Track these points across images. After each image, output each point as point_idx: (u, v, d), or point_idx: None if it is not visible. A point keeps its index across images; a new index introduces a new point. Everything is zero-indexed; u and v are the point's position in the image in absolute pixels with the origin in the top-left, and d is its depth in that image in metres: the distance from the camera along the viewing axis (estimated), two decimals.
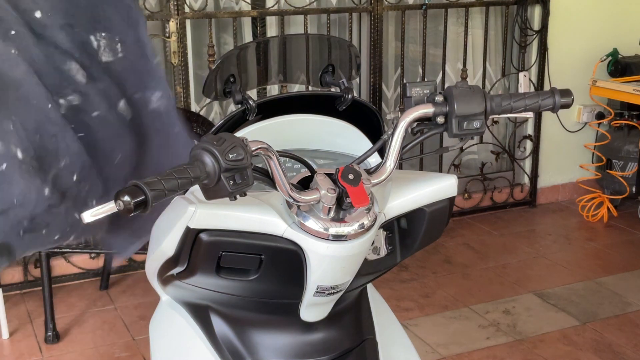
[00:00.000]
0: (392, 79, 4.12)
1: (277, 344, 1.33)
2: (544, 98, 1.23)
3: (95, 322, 3.06)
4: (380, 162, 1.19)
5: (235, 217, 1.17)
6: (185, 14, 3.38)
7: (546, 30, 4.16)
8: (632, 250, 3.83)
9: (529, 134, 4.36)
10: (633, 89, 3.87)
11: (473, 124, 1.18)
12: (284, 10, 3.61)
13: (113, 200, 0.94)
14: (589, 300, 3.27)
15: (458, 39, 4.15)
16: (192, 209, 1.15)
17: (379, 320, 1.42)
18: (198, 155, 1.00)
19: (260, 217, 1.16)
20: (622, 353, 2.83)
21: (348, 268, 1.20)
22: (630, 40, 4.24)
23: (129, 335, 2.92)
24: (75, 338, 2.95)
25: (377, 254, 1.27)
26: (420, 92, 1.23)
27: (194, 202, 1.16)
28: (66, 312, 3.13)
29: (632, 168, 4.17)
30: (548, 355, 2.81)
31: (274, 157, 1.08)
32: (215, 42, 3.55)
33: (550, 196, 4.53)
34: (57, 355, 2.84)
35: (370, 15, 3.78)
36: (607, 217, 4.18)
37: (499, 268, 3.57)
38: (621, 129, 4.25)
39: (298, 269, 1.17)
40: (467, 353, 2.81)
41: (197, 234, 1.17)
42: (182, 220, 1.16)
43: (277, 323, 1.32)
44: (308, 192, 1.12)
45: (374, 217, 1.17)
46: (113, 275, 3.39)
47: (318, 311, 1.29)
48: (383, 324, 1.42)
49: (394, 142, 1.18)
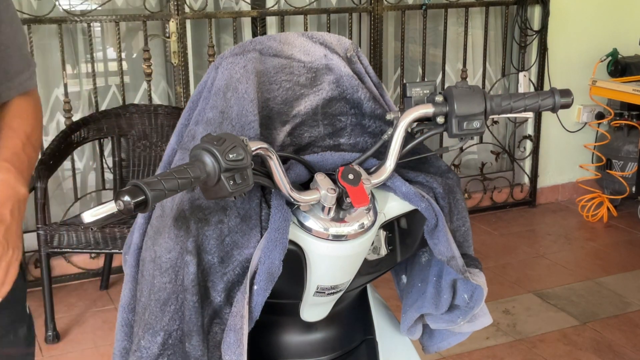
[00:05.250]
0: (392, 79, 4.12)
1: (277, 343, 1.33)
2: (544, 98, 1.23)
3: (95, 322, 3.06)
4: (381, 162, 1.19)
5: None
6: (185, 14, 3.38)
7: (546, 31, 4.16)
8: (632, 250, 3.83)
9: (529, 134, 4.36)
10: (633, 89, 3.87)
11: (473, 124, 1.18)
12: (284, 10, 3.61)
13: (113, 200, 0.94)
14: (589, 300, 3.27)
15: (458, 39, 4.15)
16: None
17: (379, 320, 1.42)
18: (198, 155, 1.00)
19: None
20: (622, 353, 2.83)
21: (348, 268, 1.20)
22: (630, 40, 4.24)
23: None
24: (75, 338, 2.95)
25: (377, 254, 1.27)
26: (420, 92, 1.23)
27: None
28: (66, 312, 3.13)
29: (631, 168, 4.17)
30: (548, 355, 2.81)
31: (274, 157, 1.08)
32: (215, 42, 3.55)
33: (550, 196, 4.53)
34: (57, 355, 2.84)
35: (370, 15, 3.78)
36: (607, 217, 4.18)
37: (499, 268, 3.57)
38: (621, 129, 4.25)
39: (298, 269, 1.17)
40: (467, 353, 2.81)
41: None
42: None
43: (277, 323, 1.32)
44: (308, 192, 1.12)
45: (374, 217, 1.17)
46: (113, 275, 3.39)
47: (318, 311, 1.29)
48: (383, 324, 1.42)
49: (394, 142, 1.18)
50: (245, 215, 1.13)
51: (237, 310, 1.10)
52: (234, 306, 1.11)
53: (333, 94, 1.24)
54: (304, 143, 1.22)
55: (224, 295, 1.12)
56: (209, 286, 1.12)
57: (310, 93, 1.23)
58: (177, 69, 3.42)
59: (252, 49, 1.22)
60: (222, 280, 1.12)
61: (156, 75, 3.59)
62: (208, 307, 1.13)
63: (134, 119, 3.24)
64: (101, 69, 3.65)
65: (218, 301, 1.13)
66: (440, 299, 1.30)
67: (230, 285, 1.13)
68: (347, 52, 1.29)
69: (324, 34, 1.30)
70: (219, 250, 1.11)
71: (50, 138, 3.18)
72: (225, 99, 1.17)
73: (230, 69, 1.19)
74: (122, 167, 3.24)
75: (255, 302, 1.11)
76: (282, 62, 1.23)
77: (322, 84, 1.23)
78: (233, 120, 1.16)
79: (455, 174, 1.32)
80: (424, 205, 1.20)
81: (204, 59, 3.66)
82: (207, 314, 1.13)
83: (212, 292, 1.12)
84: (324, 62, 1.25)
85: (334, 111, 1.24)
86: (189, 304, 1.10)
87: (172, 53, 3.40)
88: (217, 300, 1.13)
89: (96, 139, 3.22)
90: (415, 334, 1.40)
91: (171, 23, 3.36)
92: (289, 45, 1.25)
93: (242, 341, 1.09)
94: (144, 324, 1.15)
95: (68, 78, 3.33)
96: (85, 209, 3.82)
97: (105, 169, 3.42)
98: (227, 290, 1.13)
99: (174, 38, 3.37)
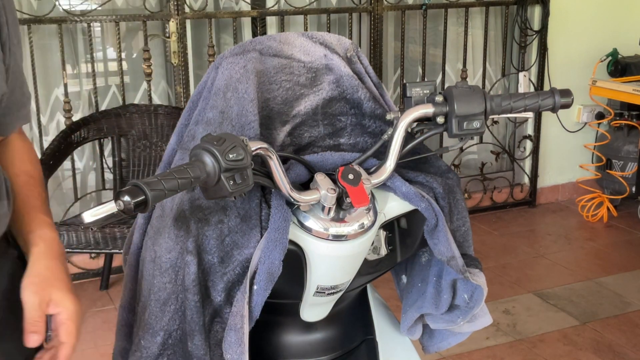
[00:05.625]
0: (392, 79, 4.12)
1: (277, 343, 1.33)
2: (544, 98, 1.23)
3: (95, 322, 3.06)
4: (381, 162, 1.19)
5: None
6: (185, 14, 3.38)
7: (546, 31, 4.16)
8: (632, 250, 3.83)
9: (529, 134, 4.36)
10: (633, 89, 3.87)
11: (473, 124, 1.18)
12: (284, 10, 3.61)
13: (113, 200, 0.94)
14: (589, 300, 3.27)
15: (458, 39, 4.15)
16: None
17: (379, 320, 1.42)
18: (198, 155, 1.01)
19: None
20: (622, 353, 2.83)
21: (348, 268, 1.20)
22: (630, 40, 4.24)
23: None
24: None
25: (377, 254, 1.27)
26: (420, 92, 1.23)
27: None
28: None
29: (631, 168, 4.17)
30: (548, 355, 2.81)
31: (274, 157, 1.08)
32: (215, 42, 3.55)
33: (550, 196, 4.53)
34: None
35: (370, 15, 3.78)
36: (607, 217, 4.18)
37: (499, 268, 3.57)
38: (621, 129, 4.25)
39: (298, 269, 1.17)
40: (467, 353, 2.81)
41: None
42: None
43: (277, 323, 1.32)
44: (308, 192, 1.12)
45: (374, 217, 1.17)
46: (113, 275, 3.39)
47: (318, 311, 1.29)
48: (383, 324, 1.42)
49: (394, 142, 1.18)
50: (245, 215, 1.13)
51: (237, 310, 1.10)
52: (234, 306, 1.11)
53: (333, 94, 1.24)
54: (304, 143, 1.22)
55: (224, 294, 1.13)
56: (209, 286, 1.13)
57: (310, 93, 1.23)
58: (177, 69, 3.42)
59: (252, 49, 1.22)
60: (222, 280, 1.12)
61: (156, 75, 3.59)
62: (209, 306, 1.13)
63: (134, 119, 3.24)
64: (101, 69, 3.65)
65: (218, 301, 1.13)
66: (441, 299, 1.30)
67: (231, 285, 1.13)
68: (347, 52, 1.29)
69: (324, 34, 1.30)
70: (219, 250, 1.11)
71: (50, 138, 3.17)
72: (225, 99, 1.18)
73: (230, 69, 1.19)
74: (122, 167, 3.24)
75: (255, 302, 1.11)
76: (282, 62, 1.23)
77: (322, 84, 1.23)
78: (233, 120, 1.16)
79: (455, 174, 1.32)
80: (424, 205, 1.20)
81: (204, 59, 3.66)
82: (208, 313, 1.13)
83: (213, 292, 1.13)
84: (324, 62, 1.25)
85: (334, 111, 1.24)
86: (191, 304, 1.10)
87: (172, 53, 3.40)
88: (218, 300, 1.13)
89: (96, 139, 3.22)
90: (415, 334, 1.40)
91: (171, 23, 3.36)
92: (289, 45, 1.25)
93: (243, 340, 1.10)
94: (144, 324, 1.15)
95: (68, 78, 3.33)
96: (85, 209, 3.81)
97: (105, 169, 3.42)
98: (227, 290, 1.13)
99: (174, 38, 3.37)
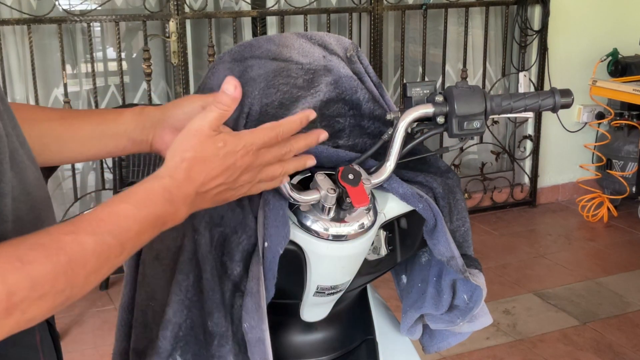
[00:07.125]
0: (392, 79, 4.12)
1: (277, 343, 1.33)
2: (544, 98, 1.23)
3: (95, 322, 3.06)
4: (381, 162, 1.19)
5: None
6: (185, 14, 3.38)
7: (546, 30, 4.16)
8: (632, 250, 3.83)
9: (529, 134, 4.36)
10: (633, 89, 3.87)
11: (473, 124, 1.17)
12: (284, 10, 3.61)
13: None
14: (589, 300, 3.27)
15: (458, 39, 4.15)
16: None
17: (379, 320, 1.42)
18: None
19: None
20: (622, 353, 2.83)
21: (348, 268, 1.20)
22: (630, 40, 4.24)
23: None
24: (75, 338, 2.95)
25: (377, 254, 1.27)
26: (420, 92, 1.22)
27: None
28: (66, 312, 3.12)
29: (632, 168, 4.18)
30: (548, 355, 2.81)
31: None
32: (215, 42, 3.55)
33: (550, 196, 4.53)
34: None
35: (370, 15, 3.78)
36: (607, 217, 4.19)
37: (499, 268, 3.57)
38: (621, 129, 4.25)
39: (298, 269, 1.17)
40: (467, 353, 2.81)
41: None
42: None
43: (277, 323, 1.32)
44: (308, 192, 1.12)
45: (374, 217, 1.17)
46: (113, 275, 3.39)
47: (318, 311, 1.29)
48: (383, 324, 1.42)
49: (394, 142, 1.17)
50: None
51: (252, 274, 1.10)
52: (250, 271, 1.11)
53: (331, 95, 1.23)
54: None
55: (242, 265, 1.12)
56: (225, 260, 1.12)
57: (307, 95, 1.22)
58: (177, 69, 3.42)
59: (249, 56, 1.22)
60: (239, 250, 1.12)
61: (156, 75, 3.59)
62: (227, 281, 1.13)
63: None
64: (101, 69, 3.65)
65: (236, 273, 1.12)
66: (441, 299, 1.30)
67: (246, 255, 1.13)
68: (347, 52, 1.29)
69: (323, 34, 1.29)
70: (231, 221, 1.12)
71: None
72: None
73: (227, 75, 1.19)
74: (122, 167, 3.24)
75: (269, 261, 1.10)
76: (280, 66, 1.23)
77: (320, 85, 1.23)
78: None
79: (456, 174, 1.32)
80: (422, 205, 1.20)
81: (203, 59, 3.66)
82: (228, 289, 1.13)
83: (230, 265, 1.12)
84: (323, 63, 1.25)
85: (332, 113, 1.23)
86: (207, 282, 1.10)
87: (172, 53, 3.40)
88: (236, 272, 1.12)
89: None
90: (415, 334, 1.40)
91: (171, 23, 3.36)
92: (287, 48, 1.24)
93: (260, 304, 1.09)
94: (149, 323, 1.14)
95: (68, 78, 3.33)
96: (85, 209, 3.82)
97: (105, 169, 3.42)
98: (244, 260, 1.12)
99: (173, 38, 3.37)
